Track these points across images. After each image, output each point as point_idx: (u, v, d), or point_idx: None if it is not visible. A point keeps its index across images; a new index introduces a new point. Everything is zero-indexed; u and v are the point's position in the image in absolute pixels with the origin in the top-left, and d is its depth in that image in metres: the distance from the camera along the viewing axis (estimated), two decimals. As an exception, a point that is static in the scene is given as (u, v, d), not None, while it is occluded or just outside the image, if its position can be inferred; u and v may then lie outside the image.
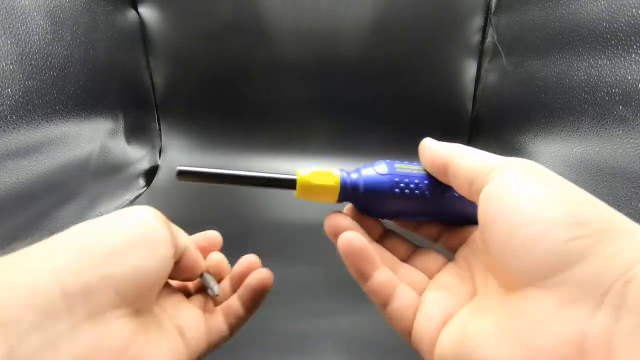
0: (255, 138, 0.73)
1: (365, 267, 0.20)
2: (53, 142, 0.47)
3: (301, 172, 0.21)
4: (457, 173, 0.19)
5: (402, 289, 0.20)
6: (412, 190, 0.21)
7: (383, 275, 0.20)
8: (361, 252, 0.19)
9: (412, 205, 0.21)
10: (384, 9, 0.66)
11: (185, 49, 0.70)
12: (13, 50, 0.40)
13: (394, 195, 0.21)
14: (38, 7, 0.44)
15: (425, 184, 0.21)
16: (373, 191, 0.21)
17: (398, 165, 0.21)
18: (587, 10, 0.43)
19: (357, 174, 0.21)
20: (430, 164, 0.20)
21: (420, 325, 0.19)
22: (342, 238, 0.20)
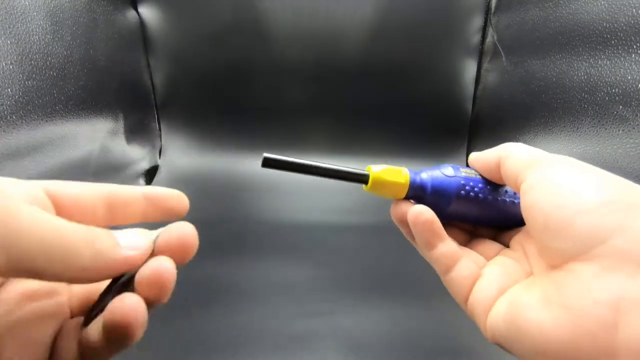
0: (255, 138, 0.73)
1: (432, 238, 0.21)
2: (53, 142, 0.47)
3: (374, 169, 0.22)
4: (507, 170, 0.20)
5: (465, 261, 0.21)
6: (476, 193, 0.22)
7: (448, 247, 0.21)
8: (430, 223, 0.21)
9: (475, 208, 0.22)
10: (384, 9, 0.66)
11: (185, 49, 0.70)
12: (13, 50, 0.40)
13: (459, 197, 0.22)
14: (38, 7, 0.44)
15: (487, 188, 0.22)
16: (440, 191, 0.22)
17: (462, 170, 0.23)
18: (587, 10, 0.43)
19: (425, 174, 0.23)
20: (485, 168, 0.22)
21: (477, 294, 0.20)
22: (413, 210, 0.21)
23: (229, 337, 0.36)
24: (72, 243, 0.14)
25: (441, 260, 0.21)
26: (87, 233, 0.15)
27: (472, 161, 0.23)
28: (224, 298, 0.42)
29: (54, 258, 0.14)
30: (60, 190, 0.18)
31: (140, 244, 0.17)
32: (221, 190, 0.68)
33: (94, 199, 0.18)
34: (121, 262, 0.16)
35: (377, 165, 0.22)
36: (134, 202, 0.19)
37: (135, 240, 0.17)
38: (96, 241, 0.15)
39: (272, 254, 0.51)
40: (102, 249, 0.15)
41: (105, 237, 0.16)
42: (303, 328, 0.38)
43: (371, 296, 0.42)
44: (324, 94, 0.71)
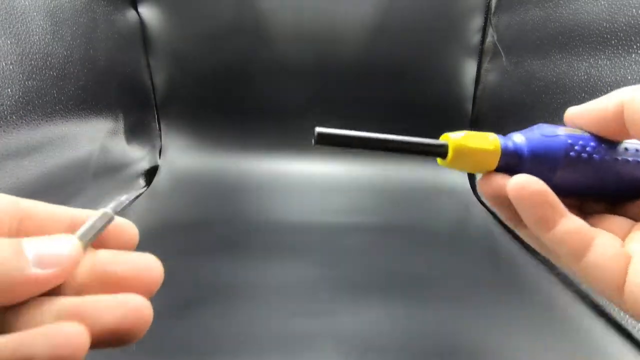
0: (255, 138, 0.73)
1: (549, 213, 0.16)
2: (53, 142, 0.47)
3: (452, 136, 0.18)
4: (637, 119, 0.15)
5: (603, 238, 0.16)
6: (589, 154, 0.17)
7: (574, 222, 0.16)
8: (543, 194, 0.16)
9: (589, 175, 0.17)
10: (384, 9, 0.66)
11: (185, 49, 0.70)
12: (13, 50, 0.40)
13: (569, 161, 0.17)
14: (38, 7, 0.44)
15: (602, 147, 0.17)
16: (542, 156, 0.17)
17: (563, 128, 0.18)
18: (587, 10, 0.43)
19: (519, 137, 0.18)
20: (598, 121, 0.17)
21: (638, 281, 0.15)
22: (515, 182, 0.16)
23: (228, 337, 0.36)
24: None
25: (569, 240, 0.16)
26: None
27: (575, 116, 0.18)
28: (224, 298, 0.42)
29: None
30: None
31: (60, 255, 0.13)
32: (221, 190, 0.68)
33: None
34: (30, 286, 0.12)
35: (455, 132, 0.18)
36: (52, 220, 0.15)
37: (54, 250, 0.13)
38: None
39: (272, 254, 0.51)
40: None
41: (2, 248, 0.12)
42: (303, 328, 0.38)
43: (371, 296, 0.42)
44: (324, 93, 0.71)
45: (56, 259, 0.13)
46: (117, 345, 0.13)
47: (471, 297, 0.43)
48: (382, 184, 0.69)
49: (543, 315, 0.40)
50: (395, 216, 0.61)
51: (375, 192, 0.68)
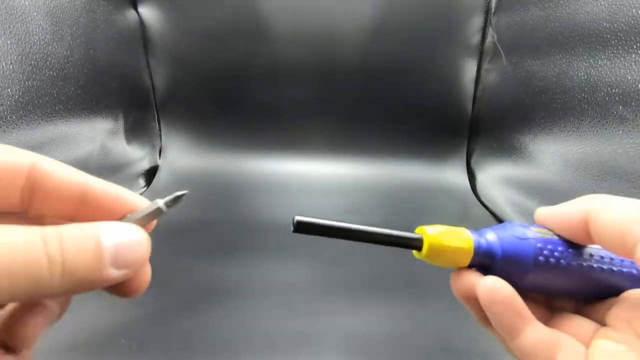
0: (255, 138, 0.73)
1: (515, 321, 0.16)
2: (53, 142, 0.47)
3: (428, 231, 0.18)
4: (603, 229, 0.16)
5: (565, 352, 0.16)
6: (557, 259, 0.18)
7: (538, 332, 0.16)
8: (511, 301, 0.16)
9: (558, 278, 0.18)
10: (384, 9, 0.66)
11: (185, 49, 0.70)
12: (13, 50, 0.40)
13: (538, 265, 0.17)
14: (38, 7, 0.44)
15: (569, 252, 0.18)
16: (513, 258, 0.18)
17: (534, 229, 0.18)
18: (587, 10, 0.43)
19: (492, 235, 0.18)
20: (565, 226, 0.18)
21: None
22: (486, 285, 0.16)
23: (228, 337, 0.36)
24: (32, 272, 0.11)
25: (532, 353, 0.16)
26: (56, 247, 0.11)
27: (544, 218, 0.18)
28: (224, 298, 0.42)
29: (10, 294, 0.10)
30: None
31: (137, 259, 0.13)
32: (221, 190, 0.68)
33: (11, 172, 0.13)
34: (103, 284, 0.12)
35: (432, 226, 0.18)
36: (62, 197, 0.14)
37: (133, 255, 0.13)
38: (67, 263, 0.11)
39: (272, 254, 0.51)
40: (79, 273, 0.11)
41: (84, 254, 0.12)
42: (303, 328, 0.38)
43: (371, 296, 0.42)
44: (324, 93, 0.71)
45: (134, 260, 0.13)
46: None
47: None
48: (382, 184, 0.69)
49: (543, 315, 0.40)
50: (395, 216, 0.61)
51: (375, 192, 0.68)
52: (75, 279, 0.11)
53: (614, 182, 0.39)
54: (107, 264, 0.12)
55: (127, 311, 0.39)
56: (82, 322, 0.38)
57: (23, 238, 0.11)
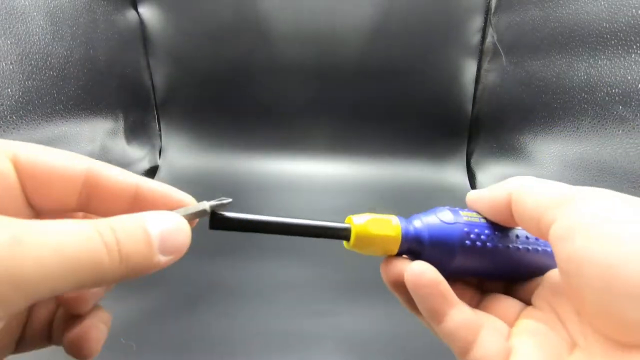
0: (255, 138, 0.73)
1: (440, 304, 0.17)
2: (53, 142, 0.47)
3: (356, 220, 0.18)
4: (524, 211, 0.16)
5: (487, 332, 0.16)
6: (484, 242, 0.18)
7: (462, 314, 0.17)
8: (435, 285, 0.16)
9: (483, 261, 0.18)
10: (384, 9, 0.66)
11: (185, 49, 0.70)
12: (13, 50, 0.40)
13: (464, 248, 0.18)
14: (38, 7, 0.44)
15: (495, 235, 0.18)
16: (440, 243, 0.18)
17: (462, 212, 0.19)
18: (587, 10, 0.43)
19: (420, 222, 0.19)
20: (491, 209, 0.18)
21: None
22: (412, 269, 0.17)
23: (228, 337, 0.36)
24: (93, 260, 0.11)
25: (456, 334, 0.16)
26: (112, 237, 0.12)
27: (473, 201, 0.19)
28: (224, 298, 0.42)
29: (76, 281, 0.11)
30: (31, 159, 0.14)
31: (181, 245, 0.14)
32: (221, 190, 0.68)
33: (70, 177, 0.14)
34: (154, 269, 0.13)
35: (360, 215, 0.18)
36: (118, 196, 0.15)
37: (177, 241, 0.13)
38: (123, 250, 0.12)
39: (272, 254, 0.51)
40: (132, 259, 0.12)
41: (136, 242, 0.12)
42: (303, 328, 0.38)
43: (371, 296, 0.42)
44: (324, 93, 0.71)
45: (178, 246, 0.14)
46: None
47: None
48: (382, 184, 0.69)
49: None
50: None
51: (375, 192, 0.68)
52: (131, 265, 0.12)
53: (613, 182, 0.39)
54: (156, 250, 0.13)
55: (127, 311, 0.39)
56: (82, 322, 0.38)
57: (82, 229, 0.12)
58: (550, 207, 0.15)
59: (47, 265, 0.11)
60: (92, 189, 0.15)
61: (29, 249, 0.10)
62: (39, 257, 0.11)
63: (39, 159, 0.14)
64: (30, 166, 0.14)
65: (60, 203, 0.15)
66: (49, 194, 0.14)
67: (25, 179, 0.14)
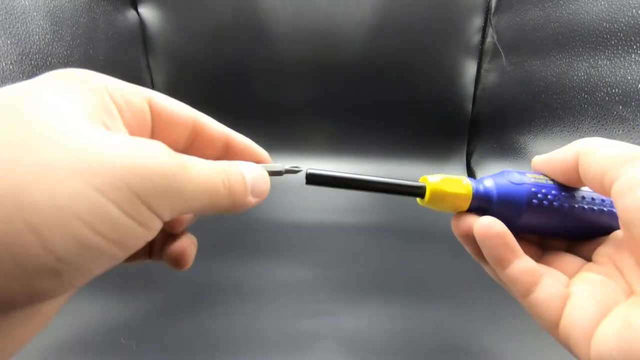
0: (255, 138, 0.73)
1: (506, 254, 0.18)
2: (53, 142, 0.47)
3: (430, 179, 0.19)
4: (589, 168, 0.17)
5: (548, 279, 0.18)
6: (550, 201, 0.19)
7: (525, 263, 0.18)
8: (502, 236, 0.18)
9: (549, 219, 0.19)
10: (384, 9, 0.66)
11: (185, 49, 0.70)
12: (13, 50, 0.40)
13: (531, 207, 0.19)
14: (38, 7, 0.44)
15: (562, 195, 0.19)
16: (508, 202, 0.19)
17: (530, 175, 0.20)
18: (587, 10, 0.43)
19: (489, 181, 0.20)
20: (558, 170, 0.19)
21: (572, 317, 0.17)
22: (481, 223, 0.18)
23: (228, 337, 0.36)
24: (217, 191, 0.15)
25: (519, 280, 0.18)
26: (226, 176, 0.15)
27: (540, 164, 0.20)
28: (224, 298, 0.42)
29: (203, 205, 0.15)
30: (160, 103, 0.17)
31: (264, 191, 0.17)
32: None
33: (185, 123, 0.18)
34: (246, 207, 0.17)
35: (434, 175, 0.20)
36: (214, 144, 0.19)
37: (262, 187, 0.17)
38: (231, 187, 0.15)
39: (272, 254, 0.51)
40: (236, 195, 0.16)
41: (239, 183, 0.16)
42: (303, 328, 0.38)
43: (371, 296, 0.42)
44: (324, 93, 0.71)
45: (262, 191, 0.17)
46: None
47: (470, 297, 0.43)
48: (382, 184, 0.69)
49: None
50: (394, 216, 0.61)
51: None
52: (233, 201, 0.16)
53: (614, 182, 0.39)
54: (249, 192, 0.17)
55: (127, 311, 0.39)
56: (82, 322, 0.38)
57: (216, 166, 0.15)
58: (614, 166, 0.16)
59: (197, 187, 0.14)
60: (197, 135, 0.18)
61: (190, 172, 0.14)
62: (196, 180, 0.14)
63: (166, 104, 0.17)
64: (159, 109, 0.17)
65: (174, 143, 0.17)
66: (168, 134, 0.17)
67: (154, 118, 0.17)
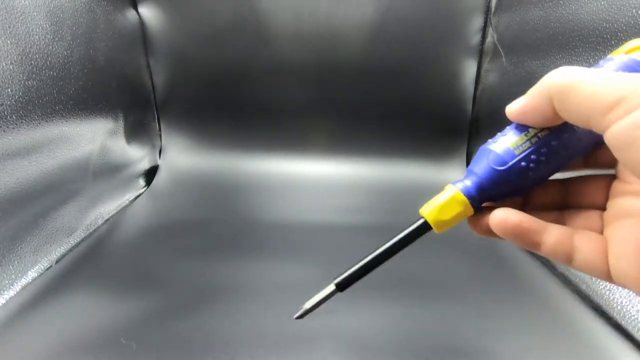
0: (255, 138, 0.73)
1: (531, 238, 0.18)
2: (53, 142, 0.47)
3: (425, 211, 0.20)
4: (568, 117, 0.16)
5: (581, 238, 0.18)
6: (547, 159, 0.18)
7: (554, 235, 0.18)
8: (518, 225, 0.18)
9: (552, 167, 0.19)
10: (384, 10, 0.66)
11: (185, 49, 0.70)
12: (13, 50, 0.40)
13: (530, 175, 0.18)
14: (38, 7, 0.44)
15: (555, 145, 0.18)
16: (505, 186, 0.19)
17: (512, 146, 0.19)
18: (587, 10, 0.43)
19: (475, 179, 0.19)
20: (538, 119, 0.17)
21: (617, 271, 0.16)
22: (494, 221, 0.18)
23: (228, 337, 0.36)
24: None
25: (555, 254, 0.18)
26: None
27: (517, 116, 0.19)
28: (223, 298, 0.42)
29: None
30: None
31: None
32: (221, 190, 0.68)
33: None
34: None
35: (426, 204, 0.20)
36: None
37: None
38: None
39: (272, 254, 0.51)
40: None
41: None
42: (303, 328, 0.38)
43: (371, 296, 0.42)
44: (324, 94, 0.71)
45: None
46: None
47: (470, 297, 0.43)
48: (382, 184, 0.69)
49: (542, 315, 0.40)
50: (395, 216, 0.61)
51: (375, 192, 0.68)
52: None
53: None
54: None
55: (127, 311, 0.39)
56: (82, 322, 0.38)
57: None
58: (599, 112, 0.14)
59: None
60: None
61: None
62: None
63: None
64: None
65: None
66: None
67: None
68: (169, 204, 0.65)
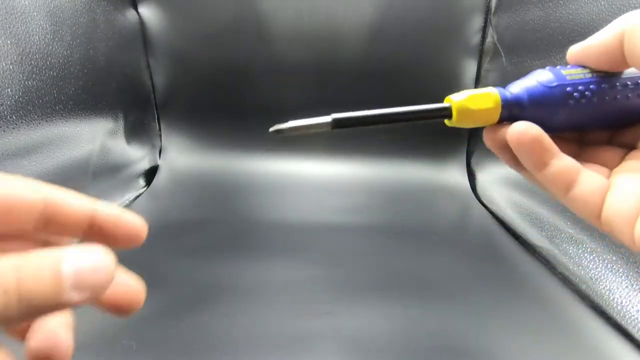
0: (255, 138, 0.73)
1: (542, 156, 0.17)
2: (53, 142, 0.47)
3: (454, 98, 0.19)
4: (636, 48, 0.15)
5: (586, 173, 0.18)
6: (589, 98, 0.18)
7: (563, 162, 0.18)
8: (538, 140, 0.17)
9: (588, 115, 0.18)
10: (384, 9, 0.66)
11: (185, 49, 0.70)
12: (13, 50, 0.40)
13: (568, 108, 0.18)
14: (38, 7, 0.44)
15: (602, 87, 0.18)
16: (542, 106, 0.18)
17: (565, 72, 0.18)
18: (587, 11, 0.43)
19: (518, 87, 0.19)
20: (600, 55, 0.17)
21: (613, 206, 0.17)
22: (515, 129, 0.17)
23: (228, 337, 0.36)
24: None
25: (557, 178, 0.18)
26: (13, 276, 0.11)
27: (577, 54, 0.19)
28: (223, 298, 0.42)
29: None
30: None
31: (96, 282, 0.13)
32: (221, 190, 0.68)
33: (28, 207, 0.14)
34: (64, 307, 0.12)
35: (458, 93, 0.19)
36: (76, 223, 0.16)
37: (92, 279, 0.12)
38: (23, 288, 0.11)
39: (272, 254, 0.51)
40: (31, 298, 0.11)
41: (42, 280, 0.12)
42: (303, 328, 0.38)
43: (371, 296, 0.42)
44: (324, 93, 0.71)
45: (93, 283, 0.13)
46: None
47: (470, 297, 0.43)
48: (382, 184, 0.69)
49: (542, 315, 0.40)
50: (395, 216, 0.61)
51: (375, 192, 0.68)
52: (33, 305, 0.12)
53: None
54: (67, 289, 0.12)
55: (127, 311, 0.39)
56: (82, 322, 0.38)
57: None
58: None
59: None
60: (50, 217, 0.15)
61: None
62: None
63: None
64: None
65: (18, 229, 0.14)
66: (5, 220, 0.14)
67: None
68: (169, 204, 0.65)
